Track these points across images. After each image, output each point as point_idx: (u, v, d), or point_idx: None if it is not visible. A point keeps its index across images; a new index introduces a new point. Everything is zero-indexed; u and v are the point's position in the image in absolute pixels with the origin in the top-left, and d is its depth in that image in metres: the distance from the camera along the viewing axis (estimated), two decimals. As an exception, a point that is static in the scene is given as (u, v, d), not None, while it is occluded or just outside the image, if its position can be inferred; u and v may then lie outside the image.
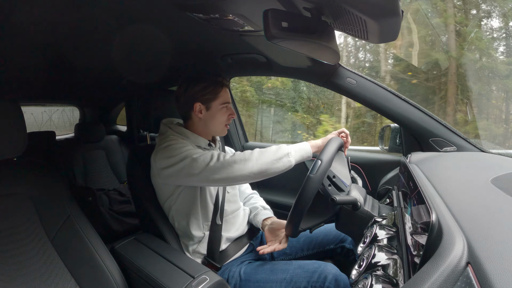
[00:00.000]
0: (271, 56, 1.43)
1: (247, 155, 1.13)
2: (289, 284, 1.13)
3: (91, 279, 1.07)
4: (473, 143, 1.30)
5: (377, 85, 1.39)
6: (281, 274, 1.16)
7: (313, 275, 1.11)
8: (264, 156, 1.13)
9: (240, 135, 2.19)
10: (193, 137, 1.31)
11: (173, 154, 1.17)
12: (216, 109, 1.31)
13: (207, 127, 1.34)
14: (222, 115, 1.32)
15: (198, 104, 1.30)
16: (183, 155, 1.16)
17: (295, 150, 1.17)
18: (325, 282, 1.08)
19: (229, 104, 1.34)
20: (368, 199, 1.09)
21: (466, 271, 0.43)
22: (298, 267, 1.16)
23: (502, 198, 0.66)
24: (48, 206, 1.09)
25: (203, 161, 1.12)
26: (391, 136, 1.55)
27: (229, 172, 1.10)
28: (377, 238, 0.83)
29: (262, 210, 1.50)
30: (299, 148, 1.19)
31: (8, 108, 1.01)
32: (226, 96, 1.32)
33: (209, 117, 1.32)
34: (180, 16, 0.95)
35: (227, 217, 1.37)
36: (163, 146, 1.21)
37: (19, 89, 2.11)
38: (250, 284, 1.18)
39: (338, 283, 1.08)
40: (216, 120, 1.32)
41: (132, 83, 2.14)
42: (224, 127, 1.36)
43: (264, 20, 0.66)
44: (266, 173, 1.12)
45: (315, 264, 1.15)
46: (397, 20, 0.65)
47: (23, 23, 0.97)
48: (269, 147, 1.17)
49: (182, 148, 1.19)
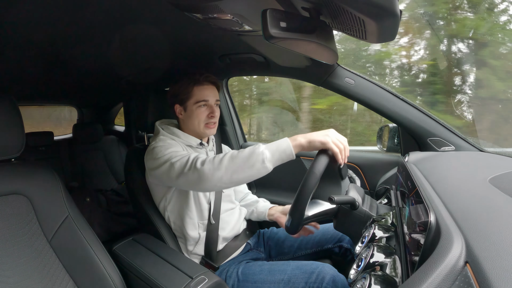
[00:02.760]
0: (270, 56, 1.43)
1: (216, 163, 1.01)
2: (287, 285, 1.12)
3: (89, 280, 1.06)
4: (471, 143, 1.30)
5: (375, 85, 1.39)
6: (279, 275, 1.16)
7: (311, 276, 1.11)
8: (234, 164, 1.00)
9: (238, 135, 2.18)
10: (184, 137, 1.32)
11: (158, 156, 1.17)
12: (191, 109, 1.29)
13: (188, 128, 1.34)
14: (199, 115, 1.29)
15: (177, 106, 1.32)
16: (165, 158, 1.14)
17: (272, 152, 0.99)
18: (322, 283, 1.08)
19: (208, 102, 1.29)
20: (366, 198, 1.09)
21: (465, 271, 0.43)
22: (296, 268, 1.16)
23: (501, 197, 0.66)
24: (46, 207, 1.09)
25: (179, 167, 1.08)
26: (389, 135, 1.55)
27: (201, 181, 1.03)
28: (375, 237, 0.83)
29: (262, 202, 1.51)
30: (277, 149, 1.00)
31: (6, 108, 1.00)
32: (202, 94, 1.28)
33: (187, 117, 1.32)
34: (178, 16, 0.95)
35: (222, 215, 1.37)
36: (151, 147, 1.22)
37: (17, 89, 2.11)
38: (248, 284, 1.18)
39: (336, 284, 1.07)
40: (194, 120, 1.30)
41: (130, 84, 2.13)
42: (204, 127, 1.31)
43: (262, 20, 0.66)
44: (239, 182, 1.03)
45: (313, 265, 1.15)
46: (396, 20, 0.65)
47: (21, 23, 0.97)
48: (243, 149, 1.01)
49: (166, 149, 1.17)
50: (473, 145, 1.29)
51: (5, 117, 1.00)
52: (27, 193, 1.07)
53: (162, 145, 1.21)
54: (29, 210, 1.06)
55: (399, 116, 1.37)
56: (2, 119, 0.99)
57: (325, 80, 1.45)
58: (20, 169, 1.09)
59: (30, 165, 1.12)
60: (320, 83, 1.49)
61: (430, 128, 1.34)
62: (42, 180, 1.11)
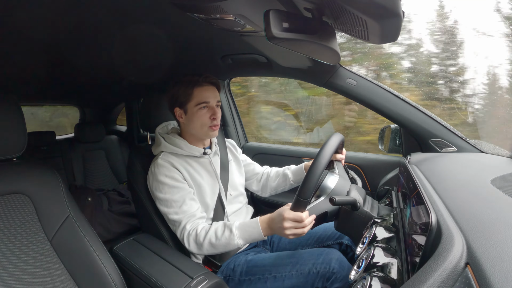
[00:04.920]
0: (272, 57, 1.43)
1: (198, 244, 1.18)
2: (294, 267, 1.14)
3: (90, 279, 1.06)
4: (473, 144, 1.30)
5: (377, 86, 1.39)
6: (287, 258, 1.18)
7: (319, 257, 1.13)
8: (214, 249, 1.17)
9: (240, 136, 2.19)
10: (187, 148, 1.30)
11: (158, 195, 1.25)
12: (192, 111, 1.26)
13: (190, 132, 1.32)
14: (201, 117, 1.26)
15: (177, 109, 1.30)
16: (164, 205, 1.24)
17: (246, 241, 1.14)
18: (330, 264, 1.10)
19: (209, 104, 1.27)
20: (368, 199, 1.09)
21: (465, 272, 0.43)
22: (303, 252, 1.20)
23: (502, 198, 0.66)
24: (47, 206, 1.09)
25: (173, 225, 1.24)
26: (391, 136, 1.55)
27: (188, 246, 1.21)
28: (376, 238, 0.83)
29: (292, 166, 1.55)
30: (250, 237, 1.13)
31: (8, 107, 1.01)
32: (203, 96, 1.25)
33: (188, 120, 1.29)
34: (181, 16, 0.95)
35: (230, 217, 1.38)
36: (158, 178, 1.24)
37: (19, 89, 2.11)
38: (256, 269, 1.20)
39: (343, 265, 1.10)
40: (196, 123, 1.27)
41: (133, 84, 2.14)
42: (208, 129, 1.28)
43: (265, 21, 0.66)
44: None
45: (320, 249, 1.19)
46: (398, 21, 0.65)
47: (23, 23, 0.97)
48: (220, 237, 1.14)
49: (166, 193, 1.23)
50: (474, 147, 1.29)
51: (7, 117, 1.00)
52: (28, 192, 1.07)
53: (163, 182, 1.23)
54: (30, 210, 1.06)
55: (401, 117, 1.37)
56: (4, 118, 0.99)
57: (327, 81, 1.45)
58: (22, 168, 1.09)
59: (32, 165, 1.12)
60: (322, 84, 1.49)
61: (432, 129, 1.34)
62: (44, 180, 1.12)
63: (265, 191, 1.59)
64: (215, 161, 1.39)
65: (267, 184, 1.57)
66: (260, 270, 1.19)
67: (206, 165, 1.35)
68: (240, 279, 1.21)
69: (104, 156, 3.05)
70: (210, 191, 1.32)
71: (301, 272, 1.13)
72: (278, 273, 1.15)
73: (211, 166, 1.35)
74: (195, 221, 1.22)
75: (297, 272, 1.13)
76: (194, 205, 1.24)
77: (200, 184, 1.30)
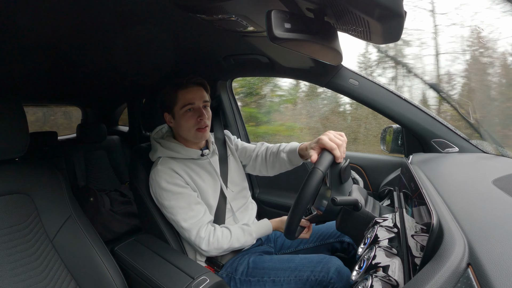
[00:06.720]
0: (274, 57, 1.43)
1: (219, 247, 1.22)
2: (293, 272, 1.15)
3: (91, 279, 1.07)
4: (475, 144, 1.29)
5: (379, 86, 1.39)
6: (287, 263, 1.19)
7: (318, 265, 1.13)
8: (234, 246, 1.24)
9: (242, 136, 2.18)
10: (184, 151, 1.29)
11: (164, 204, 1.23)
12: (179, 115, 1.25)
13: (181, 135, 1.31)
14: (188, 120, 1.24)
15: (166, 114, 1.30)
16: (174, 211, 1.22)
17: (259, 235, 1.31)
18: (328, 273, 1.10)
19: (194, 105, 1.24)
20: (369, 200, 1.09)
21: (467, 273, 0.43)
22: (304, 258, 1.19)
23: (504, 199, 0.66)
24: (49, 206, 1.09)
25: (184, 233, 1.23)
26: (392, 137, 1.54)
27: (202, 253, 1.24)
28: (378, 239, 0.82)
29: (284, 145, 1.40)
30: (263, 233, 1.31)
31: (11, 108, 1.01)
32: (187, 98, 1.23)
33: (177, 125, 1.28)
34: (183, 17, 0.96)
35: (236, 213, 1.38)
36: (161, 185, 1.22)
37: (21, 90, 2.12)
38: (257, 271, 1.21)
39: (341, 275, 1.10)
40: (183, 127, 1.26)
41: (135, 84, 2.14)
42: (195, 132, 1.26)
43: (267, 21, 0.66)
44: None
45: (320, 256, 1.18)
46: (400, 21, 0.65)
47: (26, 24, 0.98)
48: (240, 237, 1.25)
49: (171, 200, 1.22)
50: (476, 147, 1.29)
51: (10, 117, 1.01)
52: (30, 192, 1.07)
53: (167, 190, 1.21)
54: (32, 210, 1.07)
55: (403, 117, 1.36)
56: (6, 119, 1.00)
57: (329, 81, 1.45)
58: (24, 168, 1.09)
59: (34, 165, 1.13)
60: (324, 84, 1.49)
61: (434, 129, 1.34)
62: (46, 180, 1.12)
63: (265, 172, 1.50)
64: (214, 161, 1.38)
65: (266, 168, 1.46)
66: (260, 273, 1.20)
67: (206, 167, 1.35)
68: (241, 279, 1.22)
69: (106, 157, 3.05)
70: (212, 192, 1.32)
71: (300, 278, 1.13)
72: (277, 277, 1.16)
73: (211, 167, 1.35)
74: (207, 227, 1.22)
75: (295, 278, 1.14)
76: (201, 210, 1.24)
77: (202, 187, 1.29)
